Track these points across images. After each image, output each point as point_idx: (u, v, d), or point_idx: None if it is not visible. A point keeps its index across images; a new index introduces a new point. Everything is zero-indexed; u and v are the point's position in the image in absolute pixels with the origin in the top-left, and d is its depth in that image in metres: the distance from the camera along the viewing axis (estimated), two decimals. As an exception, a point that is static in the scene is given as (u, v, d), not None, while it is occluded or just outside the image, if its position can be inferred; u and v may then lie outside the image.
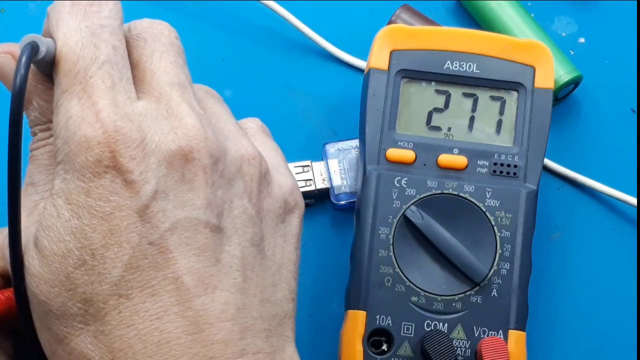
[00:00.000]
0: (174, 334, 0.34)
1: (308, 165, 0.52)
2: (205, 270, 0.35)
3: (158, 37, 0.38)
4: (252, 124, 0.43)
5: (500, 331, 0.45)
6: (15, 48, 0.36)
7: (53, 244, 0.34)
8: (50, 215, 0.34)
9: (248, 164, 0.38)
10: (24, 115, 0.37)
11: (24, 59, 0.34)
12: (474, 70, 0.48)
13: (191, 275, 0.34)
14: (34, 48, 0.34)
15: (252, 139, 0.41)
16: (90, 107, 0.34)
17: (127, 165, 0.34)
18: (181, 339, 0.34)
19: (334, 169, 0.51)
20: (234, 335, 0.35)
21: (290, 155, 0.46)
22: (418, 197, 0.47)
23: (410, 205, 0.46)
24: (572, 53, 0.56)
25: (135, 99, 0.36)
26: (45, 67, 0.36)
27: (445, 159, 0.47)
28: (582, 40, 0.56)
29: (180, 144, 0.35)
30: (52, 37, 0.36)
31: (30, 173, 0.37)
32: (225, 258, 0.36)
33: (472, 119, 0.48)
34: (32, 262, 0.34)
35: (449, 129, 0.48)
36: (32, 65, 0.35)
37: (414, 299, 0.45)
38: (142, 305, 0.34)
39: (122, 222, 0.34)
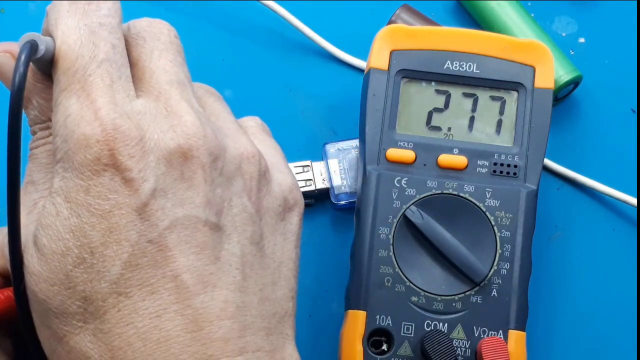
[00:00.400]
0: (173, 332, 0.34)
1: (308, 165, 0.52)
2: (205, 268, 0.35)
3: (157, 35, 0.38)
4: (252, 122, 0.43)
5: (500, 331, 0.45)
6: (15, 47, 0.36)
7: (52, 242, 0.34)
8: (49, 213, 0.34)
9: (247, 162, 0.38)
10: (24, 114, 0.37)
11: (22, 58, 0.34)
12: (474, 70, 0.48)
13: (190, 273, 0.34)
14: (32, 46, 0.34)
15: (251, 137, 0.41)
16: (89, 105, 0.34)
17: (125, 163, 0.34)
18: (180, 337, 0.34)
19: (334, 169, 0.51)
20: (233, 333, 0.35)
21: (290, 155, 0.46)
22: (418, 197, 0.47)
23: (410, 205, 0.46)
24: (572, 53, 0.56)
25: (134, 97, 0.36)
26: (44, 66, 0.36)
27: (445, 159, 0.47)
28: (582, 40, 0.56)
29: (179, 142, 0.35)
30: (51, 36, 0.36)
31: (29, 172, 0.37)
32: (225, 256, 0.36)
33: (472, 119, 0.48)
34: (31, 260, 0.34)
35: (449, 129, 0.48)
36: (31, 64, 0.35)
37: (414, 299, 0.45)
38: (142, 303, 0.34)
39: (121, 220, 0.34)
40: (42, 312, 0.35)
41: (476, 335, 0.45)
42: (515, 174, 0.47)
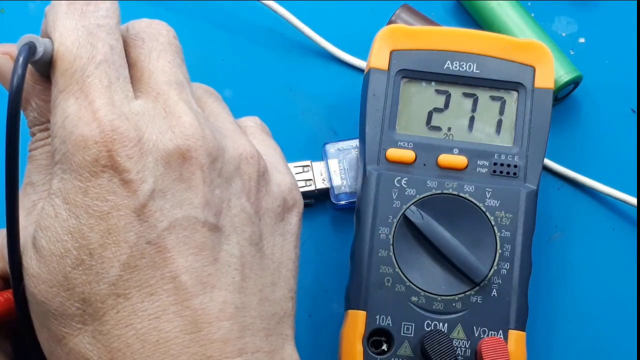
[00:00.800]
0: (172, 333, 0.34)
1: (308, 165, 0.52)
2: (204, 269, 0.35)
3: (156, 36, 0.38)
4: (251, 122, 0.43)
5: (500, 331, 0.45)
6: (13, 48, 0.36)
7: (51, 244, 0.34)
8: (48, 215, 0.34)
9: (246, 162, 0.38)
10: (23, 116, 0.37)
11: (21, 59, 0.34)
12: (474, 70, 0.48)
13: (189, 274, 0.34)
14: (31, 48, 0.34)
15: (251, 137, 0.41)
16: (87, 107, 0.34)
17: (124, 164, 0.34)
18: (179, 338, 0.34)
19: (334, 169, 0.51)
20: (232, 334, 0.35)
21: (290, 155, 0.46)
22: (418, 197, 0.47)
23: (410, 205, 0.46)
24: (572, 53, 0.56)
25: (133, 98, 0.36)
26: (43, 68, 0.36)
27: (445, 159, 0.47)
28: (582, 40, 0.56)
29: (178, 142, 0.35)
30: (49, 38, 0.36)
31: (28, 173, 0.37)
32: (224, 257, 0.36)
33: (472, 119, 0.48)
34: (30, 262, 0.34)
35: (449, 129, 0.48)
36: (30, 66, 0.35)
37: (414, 299, 0.45)
38: (140, 304, 0.34)
39: (120, 222, 0.34)
40: (42, 314, 0.35)
41: (476, 335, 0.45)
42: (515, 174, 0.47)
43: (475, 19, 0.56)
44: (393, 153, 0.47)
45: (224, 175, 0.37)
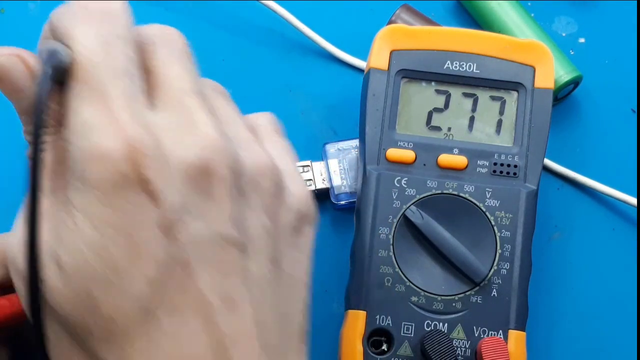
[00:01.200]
0: (199, 352, 0.33)
1: (308, 165, 0.52)
2: (228, 287, 0.34)
3: (170, 43, 0.37)
4: (264, 120, 0.42)
5: (500, 331, 0.45)
6: (22, 51, 0.35)
7: (73, 260, 0.32)
8: (69, 229, 0.33)
9: (264, 176, 0.37)
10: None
11: (46, 68, 0.32)
12: (474, 70, 0.48)
13: (214, 292, 0.33)
14: (55, 56, 0.33)
15: (264, 140, 0.40)
16: (107, 117, 0.33)
17: (148, 177, 0.32)
18: (208, 357, 0.33)
19: (334, 169, 0.51)
20: (255, 353, 0.34)
21: (291, 155, 0.46)
22: (418, 197, 0.47)
23: (410, 205, 0.46)
24: (572, 53, 0.56)
25: (152, 108, 0.34)
26: (58, 74, 0.35)
27: (445, 159, 0.47)
28: (582, 40, 0.56)
29: (200, 155, 0.34)
30: (64, 44, 0.34)
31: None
32: (247, 274, 0.35)
33: (472, 119, 0.48)
34: (52, 277, 0.33)
35: (449, 129, 0.48)
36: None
37: (414, 299, 0.45)
38: (167, 321, 0.33)
39: (145, 237, 0.32)
40: (62, 331, 0.34)
41: (476, 335, 0.45)
42: (515, 174, 0.47)
43: (475, 19, 0.56)
44: (393, 153, 0.47)
45: (244, 190, 0.36)
